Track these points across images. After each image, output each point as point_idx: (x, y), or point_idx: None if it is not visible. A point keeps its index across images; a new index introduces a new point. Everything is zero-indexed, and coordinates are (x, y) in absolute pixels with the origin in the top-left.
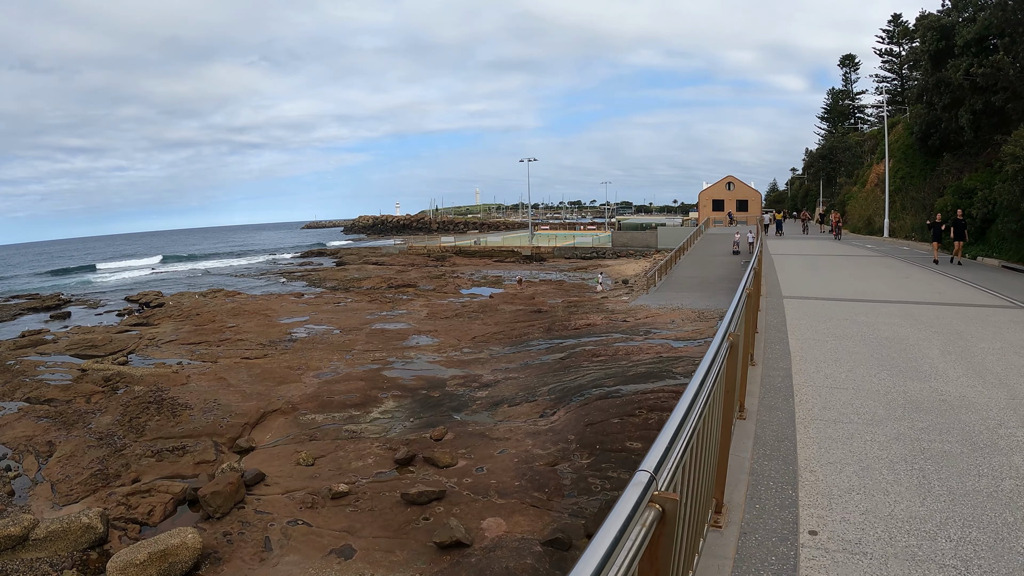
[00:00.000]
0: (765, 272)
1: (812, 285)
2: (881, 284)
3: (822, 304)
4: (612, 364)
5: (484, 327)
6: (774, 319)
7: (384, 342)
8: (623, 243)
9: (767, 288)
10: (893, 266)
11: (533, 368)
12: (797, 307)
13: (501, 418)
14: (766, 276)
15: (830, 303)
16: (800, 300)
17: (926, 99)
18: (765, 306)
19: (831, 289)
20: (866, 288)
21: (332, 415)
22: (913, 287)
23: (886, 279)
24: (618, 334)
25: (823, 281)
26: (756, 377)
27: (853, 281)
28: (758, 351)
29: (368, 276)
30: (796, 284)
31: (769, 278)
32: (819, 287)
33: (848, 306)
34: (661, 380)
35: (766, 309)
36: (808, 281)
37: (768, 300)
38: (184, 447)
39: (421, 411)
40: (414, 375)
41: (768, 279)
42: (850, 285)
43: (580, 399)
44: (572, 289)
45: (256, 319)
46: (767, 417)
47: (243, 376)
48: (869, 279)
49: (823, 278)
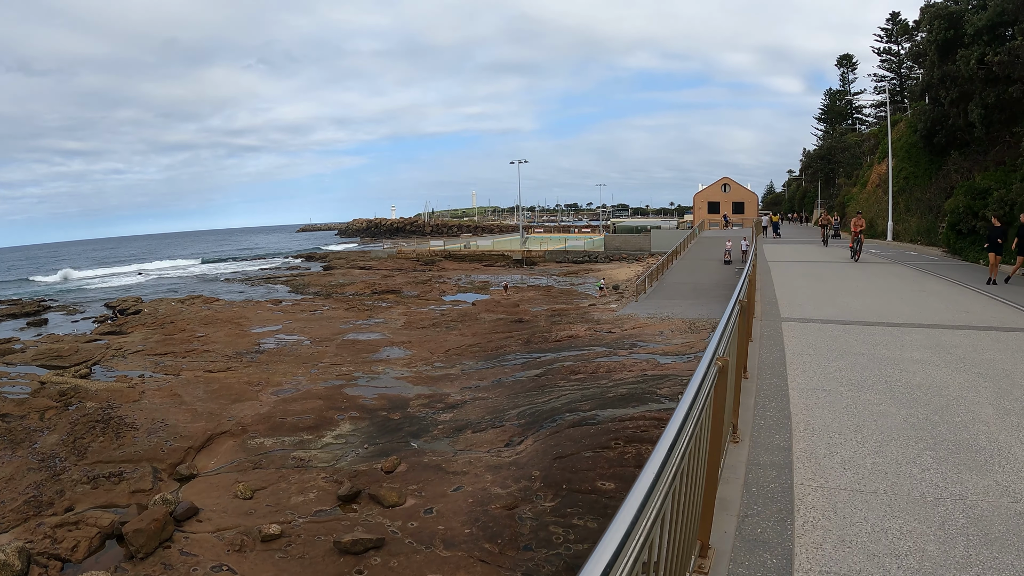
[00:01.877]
0: (760, 285)
1: (816, 301)
2: (896, 300)
3: (830, 330)
4: (591, 383)
5: (460, 338)
6: (770, 355)
7: (354, 354)
8: (616, 247)
9: (762, 307)
10: (904, 276)
11: (505, 387)
12: (799, 335)
13: (462, 447)
14: (762, 290)
15: (840, 328)
16: (803, 324)
17: (931, 95)
18: (759, 333)
19: (839, 307)
20: (880, 306)
21: (282, 439)
22: (934, 303)
23: (901, 293)
24: (601, 347)
25: (828, 296)
26: (737, 472)
27: (864, 296)
28: (745, 415)
29: (353, 282)
30: (797, 300)
31: (765, 293)
32: (825, 304)
33: (862, 333)
34: (643, 404)
35: (760, 337)
36: (811, 296)
37: (763, 324)
38: (122, 473)
39: (378, 436)
40: (377, 393)
41: (764, 294)
42: (861, 301)
43: (552, 425)
44: (560, 296)
45: (227, 328)
46: None
47: (199, 392)
48: (881, 293)
49: (828, 292)
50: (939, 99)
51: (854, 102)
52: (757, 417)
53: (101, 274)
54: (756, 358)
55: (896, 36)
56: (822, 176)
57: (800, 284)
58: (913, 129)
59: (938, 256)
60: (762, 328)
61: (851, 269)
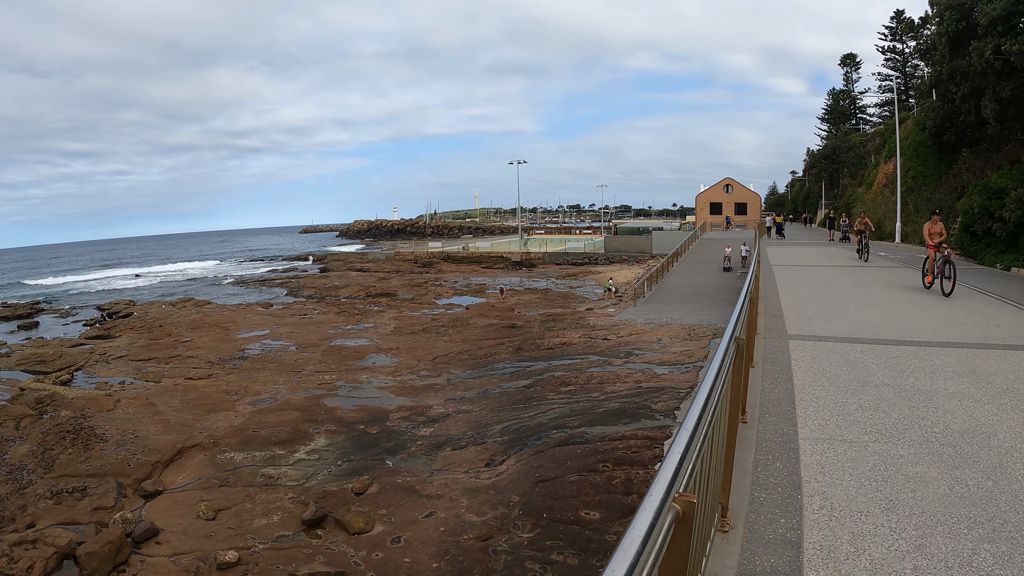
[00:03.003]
0: (764, 293)
1: (828, 314)
2: (918, 312)
3: (846, 351)
4: (582, 396)
5: (450, 345)
6: (775, 386)
7: (339, 361)
8: (616, 248)
9: (765, 321)
10: (916, 282)
11: (491, 399)
12: (810, 358)
13: (440, 466)
14: (765, 299)
15: (858, 348)
16: (814, 343)
17: (940, 91)
18: (762, 355)
19: (854, 321)
20: (901, 320)
21: (253, 454)
22: (959, 315)
23: (920, 303)
24: (595, 356)
25: (841, 307)
26: None
27: (881, 307)
28: (741, 484)
29: (348, 284)
30: (806, 312)
31: (769, 303)
32: (837, 317)
33: (884, 355)
34: (636, 420)
35: (763, 361)
36: (821, 307)
37: (767, 344)
38: (85, 488)
39: (352, 452)
40: (357, 404)
41: (768, 304)
42: (878, 314)
43: (536, 444)
44: (557, 299)
45: (214, 333)
46: None
47: (174, 402)
48: (899, 303)
49: (840, 302)
50: (949, 95)
51: (858, 102)
52: (757, 487)
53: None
54: (758, 391)
55: (901, 34)
56: (826, 176)
57: (808, 292)
58: (921, 127)
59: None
60: (765, 349)
61: (862, 274)
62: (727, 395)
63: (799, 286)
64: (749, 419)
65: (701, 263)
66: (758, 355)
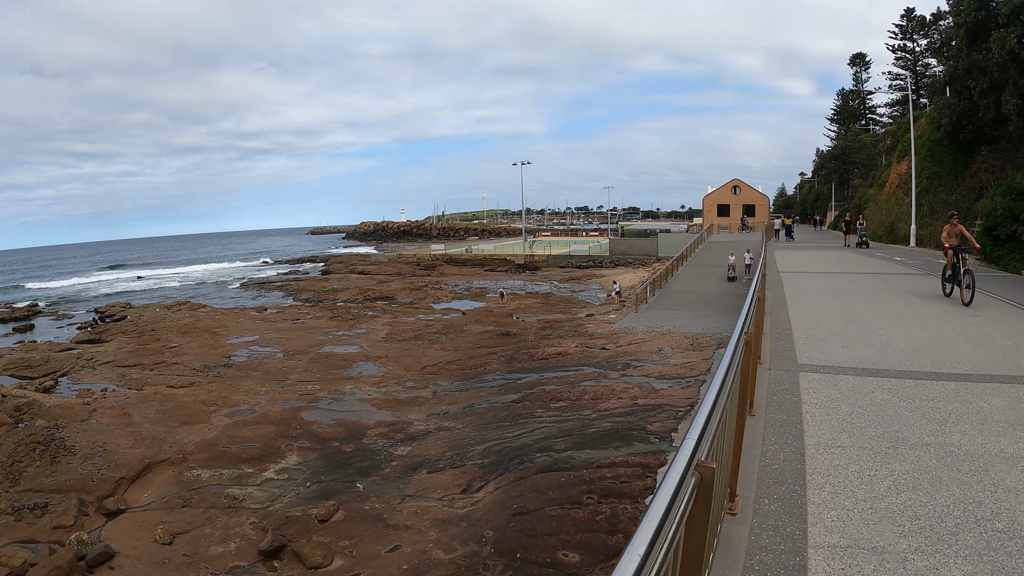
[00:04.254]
0: (771, 306)
1: (845, 334)
2: (948, 331)
3: (870, 389)
4: (572, 414)
5: (441, 353)
6: (779, 449)
7: (324, 370)
8: (622, 251)
9: (771, 344)
10: (940, 292)
11: (476, 414)
12: (826, 400)
13: (413, 491)
14: (772, 312)
15: (884, 385)
16: (830, 377)
17: (956, 87)
18: (765, 395)
19: (877, 344)
20: (931, 342)
21: (221, 472)
22: (998, 337)
23: (949, 319)
24: (591, 367)
25: (859, 324)
26: None
27: (905, 325)
28: None
29: (347, 287)
30: (819, 331)
31: (777, 318)
32: (856, 339)
33: (917, 392)
34: (628, 444)
35: (766, 406)
36: (836, 324)
37: (772, 377)
38: (47, 504)
39: (324, 472)
40: (335, 419)
41: (775, 320)
42: (903, 334)
43: (518, 469)
44: (558, 304)
45: (203, 338)
46: None
47: (150, 412)
48: (926, 319)
49: (858, 318)
50: (968, 91)
51: (868, 102)
52: None
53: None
54: (757, 457)
55: (911, 32)
56: (836, 177)
57: (821, 305)
58: (936, 125)
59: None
60: (770, 386)
61: (880, 284)
62: None
63: (810, 297)
64: (740, 506)
65: (707, 267)
66: (760, 396)
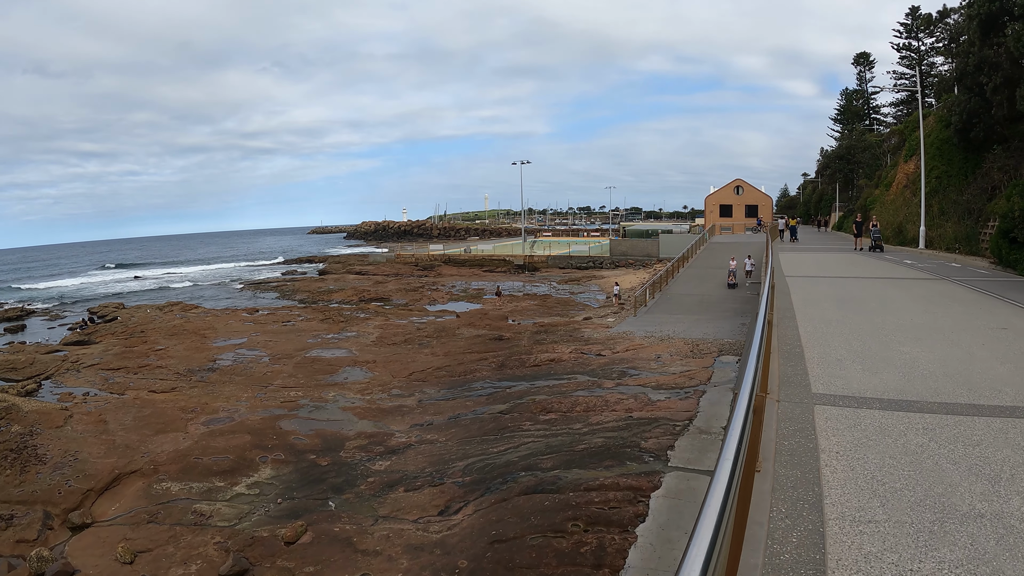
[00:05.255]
0: (778, 317)
1: (863, 352)
2: (978, 347)
3: (903, 429)
4: (562, 427)
5: (430, 358)
6: (793, 528)
7: (309, 376)
8: (622, 252)
9: (780, 363)
10: (966, 301)
11: (461, 426)
12: (849, 447)
13: (388, 511)
14: (779, 324)
15: (918, 421)
16: (852, 412)
17: (966, 83)
18: (773, 439)
19: (901, 365)
20: (961, 361)
21: (190, 485)
22: None
23: (977, 332)
24: (584, 375)
25: (879, 339)
26: None
27: (930, 340)
28: None
29: (343, 288)
30: (833, 350)
31: (785, 332)
32: (877, 357)
33: (959, 434)
34: (620, 463)
35: (774, 453)
36: (853, 338)
37: (781, 412)
38: (12, 517)
39: (297, 488)
40: (314, 429)
41: (783, 334)
42: (929, 352)
43: (500, 489)
44: (556, 306)
45: (190, 341)
46: None
47: (127, 419)
48: (950, 332)
49: (876, 331)
50: (980, 86)
51: (872, 101)
52: None
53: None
54: (761, 540)
55: (917, 31)
56: (841, 177)
57: (832, 315)
58: (945, 123)
59: (987, 269)
60: (779, 425)
61: (894, 290)
62: None
63: (820, 306)
64: None
65: (709, 269)
66: (767, 439)
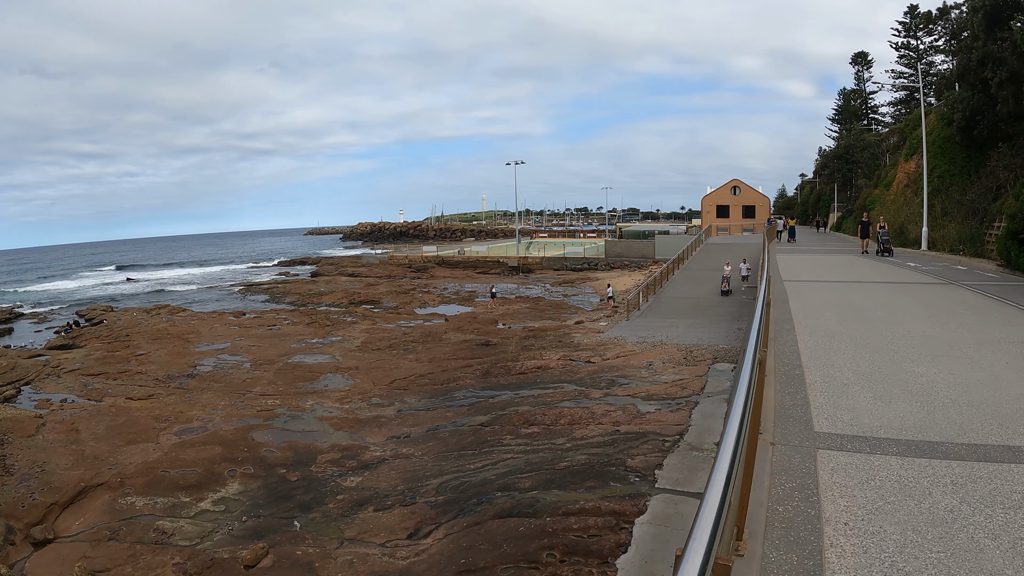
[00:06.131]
0: (775, 331)
1: (872, 374)
2: (1001, 365)
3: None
4: (544, 442)
5: (414, 365)
6: None
7: (289, 383)
8: (618, 253)
9: (777, 391)
10: (978, 308)
11: (439, 439)
12: (863, 512)
13: (354, 533)
14: (776, 338)
15: (944, 471)
16: (863, 460)
17: (969, 80)
18: (765, 504)
19: (917, 389)
20: (982, 384)
21: (156, 500)
22: None
23: (996, 347)
24: (571, 384)
25: (890, 359)
26: None
27: (946, 357)
28: None
29: (334, 290)
30: (838, 373)
31: (783, 348)
32: (888, 381)
33: (998, 490)
34: (603, 484)
35: (766, 526)
36: (860, 357)
37: (778, 456)
38: None
39: (263, 504)
40: (287, 440)
41: (781, 352)
42: (948, 373)
43: (475, 510)
44: (548, 309)
45: (172, 345)
46: None
47: (100, 428)
48: (966, 347)
49: (886, 348)
50: (983, 83)
51: (870, 101)
52: None
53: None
54: None
55: (915, 30)
56: (839, 177)
57: (836, 328)
58: (947, 121)
59: (995, 272)
60: (772, 480)
61: (901, 297)
62: None
63: (822, 316)
64: None
65: (704, 271)
66: (757, 501)
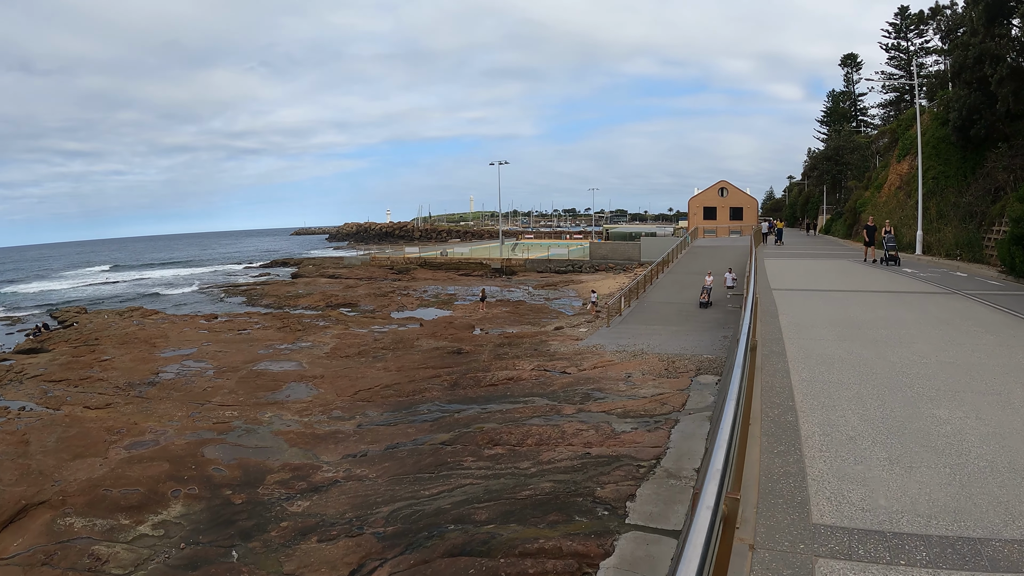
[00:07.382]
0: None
1: (886, 419)
2: None
3: None
4: (508, 466)
5: (381, 374)
6: None
7: (250, 392)
8: (603, 255)
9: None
10: (988, 324)
11: (397, 459)
12: None
13: (294, 567)
14: (764, 365)
15: None
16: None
17: (965, 78)
18: None
19: (943, 450)
20: (1014, 429)
21: (95, 521)
22: None
23: (1020, 374)
24: (543, 399)
25: (905, 399)
26: None
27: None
28: None
29: (312, 293)
30: (842, 415)
31: (772, 382)
32: (907, 429)
33: None
34: (567, 519)
35: None
36: (869, 398)
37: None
38: None
39: (204, 530)
40: (238, 457)
41: (769, 384)
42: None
43: (424, 546)
44: (528, 313)
45: (139, 350)
46: None
47: (50, 440)
48: (992, 378)
49: (898, 383)
50: (981, 81)
51: (859, 103)
52: None
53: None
54: None
55: (905, 31)
56: (829, 179)
57: (834, 351)
58: (941, 121)
59: (997, 279)
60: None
61: (904, 311)
62: None
63: (817, 336)
64: None
65: (690, 275)
66: None
